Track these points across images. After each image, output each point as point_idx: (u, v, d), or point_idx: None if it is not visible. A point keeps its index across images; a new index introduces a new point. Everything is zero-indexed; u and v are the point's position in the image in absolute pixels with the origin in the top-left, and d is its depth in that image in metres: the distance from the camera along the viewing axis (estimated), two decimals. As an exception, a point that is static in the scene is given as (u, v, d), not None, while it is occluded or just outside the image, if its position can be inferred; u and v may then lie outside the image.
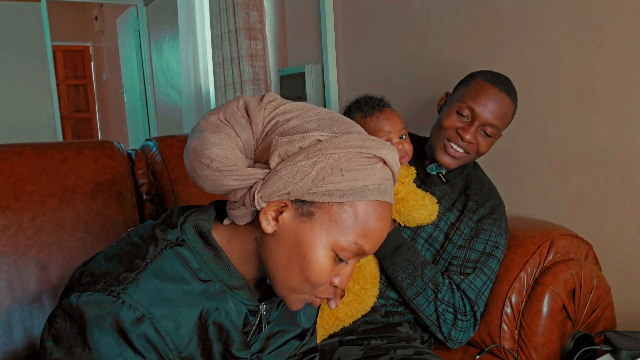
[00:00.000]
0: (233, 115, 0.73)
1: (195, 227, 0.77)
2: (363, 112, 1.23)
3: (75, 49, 7.74)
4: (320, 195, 0.69)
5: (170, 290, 0.72)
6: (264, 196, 0.69)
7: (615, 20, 1.31)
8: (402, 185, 1.21)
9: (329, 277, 0.73)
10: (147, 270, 0.71)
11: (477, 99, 1.23)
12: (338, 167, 0.68)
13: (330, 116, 0.73)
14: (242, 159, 0.71)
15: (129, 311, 0.68)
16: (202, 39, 3.20)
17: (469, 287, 1.22)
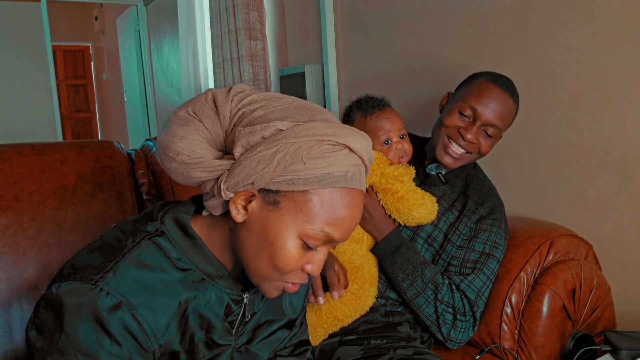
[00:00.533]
0: (202, 108, 0.73)
1: (175, 218, 0.78)
2: (363, 111, 1.24)
3: (75, 49, 7.74)
4: (284, 184, 0.69)
5: (148, 279, 0.72)
6: (230, 187, 0.70)
7: (615, 20, 1.31)
8: (401, 184, 1.21)
9: (297, 264, 0.73)
10: (125, 260, 0.72)
11: (479, 99, 1.23)
12: (299, 155, 0.68)
13: (296, 105, 0.73)
14: (209, 150, 0.72)
15: (106, 298, 0.69)
16: (202, 39, 3.20)
17: (468, 288, 1.22)
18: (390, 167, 1.22)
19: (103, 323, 0.68)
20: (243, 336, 0.85)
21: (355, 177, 0.72)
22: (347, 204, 0.72)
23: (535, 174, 1.54)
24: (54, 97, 4.34)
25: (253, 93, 0.75)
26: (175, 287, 0.75)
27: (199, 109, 0.73)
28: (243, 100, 0.73)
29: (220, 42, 2.79)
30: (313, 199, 0.70)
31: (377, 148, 1.23)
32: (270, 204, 0.71)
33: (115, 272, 0.71)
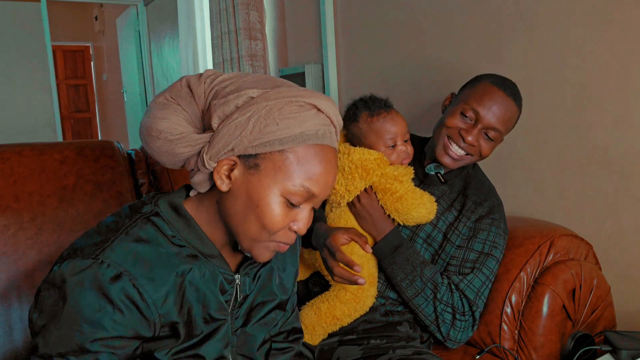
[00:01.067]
0: (178, 93, 0.78)
1: (168, 201, 0.83)
2: (370, 110, 1.24)
3: (75, 49, 7.74)
4: (261, 146, 0.74)
5: (145, 252, 0.76)
6: (212, 156, 0.75)
7: (615, 20, 1.31)
8: (400, 184, 1.21)
9: (283, 222, 0.78)
10: (122, 235, 0.76)
11: (482, 102, 1.23)
12: (272, 117, 0.73)
13: (264, 77, 0.79)
14: (189, 128, 0.78)
15: (107, 269, 0.72)
16: (202, 39, 3.20)
17: (467, 287, 1.22)
18: (389, 167, 1.22)
19: (105, 292, 0.71)
20: (238, 319, 0.88)
21: (326, 135, 0.77)
22: (321, 160, 0.77)
23: (535, 174, 1.54)
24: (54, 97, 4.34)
25: (223, 74, 0.80)
26: (171, 260, 0.78)
27: (176, 94, 0.78)
28: (214, 80, 0.78)
29: (220, 42, 2.79)
30: (290, 157, 0.75)
31: (381, 149, 1.22)
32: (251, 168, 0.76)
33: (114, 246, 0.74)
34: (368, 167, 1.19)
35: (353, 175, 1.20)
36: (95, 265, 0.72)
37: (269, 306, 0.93)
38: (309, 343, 1.25)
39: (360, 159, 1.19)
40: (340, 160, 1.21)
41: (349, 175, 1.20)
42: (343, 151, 1.22)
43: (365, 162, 1.19)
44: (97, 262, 0.72)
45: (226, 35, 2.73)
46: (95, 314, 0.71)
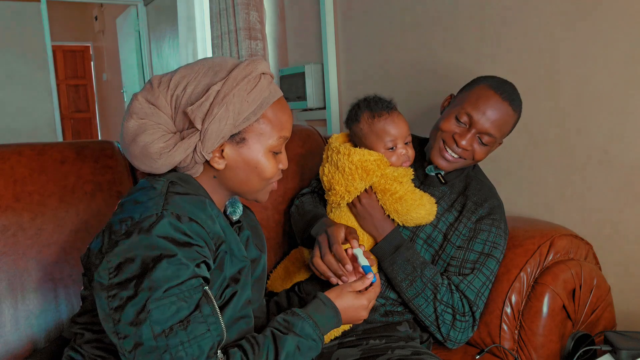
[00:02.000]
0: (143, 112, 0.88)
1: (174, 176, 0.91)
2: (371, 110, 1.24)
3: (75, 49, 7.74)
4: (242, 124, 0.89)
5: (189, 200, 0.85)
6: (207, 149, 0.87)
7: (615, 20, 1.31)
8: (400, 185, 1.21)
9: (276, 169, 0.96)
10: (166, 195, 0.84)
11: (476, 106, 1.22)
12: (242, 98, 0.87)
13: (208, 67, 0.89)
14: (174, 137, 0.88)
15: (172, 216, 0.81)
16: (202, 39, 3.20)
17: (467, 288, 1.22)
18: (390, 168, 1.22)
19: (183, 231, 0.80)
20: None
21: (275, 89, 0.93)
22: (282, 108, 0.94)
23: (535, 174, 1.54)
24: (54, 97, 4.34)
25: (168, 76, 0.90)
26: (210, 204, 0.88)
27: (142, 114, 0.88)
28: (168, 87, 0.88)
29: (220, 42, 2.79)
30: (264, 121, 0.91)
31: (381, 151, 1.22)
32: (239, 143, 0.90)
33: (168, 201, 0.83)
34: (368, 168, 1.19)
35: (353, 176, 1.20)
36: (162, 217, 0.80)
37: (257, 263, 1.03)
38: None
39: (360, 160, 1.19)
40: (340, 161, 1.21)
41: (349, 176, 1.20)
42: (343, 152, 1.22)
43: (365, 163, 1.19)
44: (162, 215, 0.80)
45: (226, 35, 2.72)
46: (185, 247, 0.80)
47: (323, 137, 1.70)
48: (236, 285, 0.90)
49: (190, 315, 0.78)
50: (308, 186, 1.48)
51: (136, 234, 0.79)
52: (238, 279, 0.91)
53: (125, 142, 0.89)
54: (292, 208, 1.43)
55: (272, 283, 1.41)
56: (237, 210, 1.02)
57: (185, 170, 0.92)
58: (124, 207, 0.86)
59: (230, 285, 0.90)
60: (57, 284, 1.18)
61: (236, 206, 1.02)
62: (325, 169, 1.26)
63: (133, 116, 0.88)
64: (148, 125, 0.87)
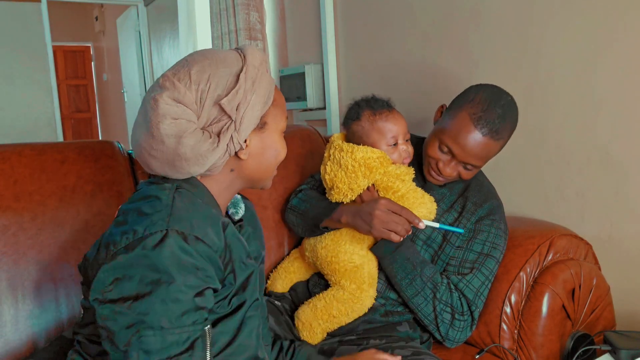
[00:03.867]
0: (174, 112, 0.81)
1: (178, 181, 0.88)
2: (372, 108, 1.25)
3: (76, 49, 7.74)
4: (265, 107, 0.88)
5: (196, 214, 0.82)
6: (242, 138, 0.85)
7: (615, 20, 1.31)
8: (402, 183, 1.21)
9: (285, 146, 0.95)
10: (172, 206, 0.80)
11: (456, 140, 1.20)
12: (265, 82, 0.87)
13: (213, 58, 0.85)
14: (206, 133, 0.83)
15: (179, 236, 0.77)
16: (202, 39, 3.20)
17: (466, 287, 1.23)
18: (392, 165, 1.23)
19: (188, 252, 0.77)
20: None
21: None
22: (278, 89, 0.94)
23: (535, 174, 1.54)
24: (54, 97, 4.34)
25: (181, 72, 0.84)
26: (214, 217, 0.84)
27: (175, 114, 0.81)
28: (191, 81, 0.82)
29: (220, 43, 2.79)
30: (275, 105, 0.91)
31: (383, 148, 1.23)
32: (262, 128, 0.90)
33: (174, 218, 0.79)
34: (371, 165, 1.20)
35: (356, 173, 1.20)
36: (168, 235, 0.76)
37: (259, 261, 1.00)
38: (309, 342, 1.26)
39: (363, 157, 1.20)
40: (343, 158, 1.22)
41: (352, 174, 1.21)
42: (346, 149, 1.22)
43: (368, 161, 1.20)
44: (168, 233, 0.76)
45: (226, 35, 2.73)
46: (189, 275, 0.76)
47: (323, 137, 1.70)
48: (244, 292, 0.88)
49: (181, 355, 0.75)
50: (305, 184, 1.47)
51: (139, 250, 0.75)
52: (246, 286, 0.89)
53: (167, 147, 0.82)
54: (294, 201, 1.41)
55: (272, 283, 1.41)
56: (239, 210, 1.01)
57: (209, 170, 0.87)
58: (127, 217, 0.81)
59: (239, 293, 0.88)
60: (57, 284, 1.18)
61: (238, 206, 1.01)
62: (327, 167, 1.26)
63: (167, 117, 0.81)
64: (185, 125, 0.81)
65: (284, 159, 0.96)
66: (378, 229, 1.15)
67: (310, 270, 1.40)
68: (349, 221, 1.20)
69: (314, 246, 1.30)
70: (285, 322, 1.29)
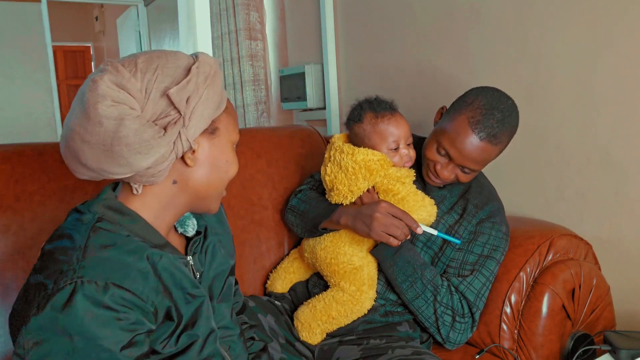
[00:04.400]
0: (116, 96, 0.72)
1: (104, 205, 0.80)
2: (375, 110, 1.24)
3: (76, 49, 7.74)
4: (217, 111, 0.80)
5: (114, 255, 0.73)
6: (191, 136, 0.76)
7: (615, 20, 1.31)
8: (402, 185, 1.21)
9: (237, 162, 0.86)
10: (85, 250, 0.72)
11: (454, 144, 1.19)
12: (218, 82, 0.79)
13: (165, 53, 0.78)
14: (151, 125, 0.73)
15: (90, 286, 0.69)
16: (202, 40, 3.20)
17: (467, 289, 1.23)
18: (393, 168, 1.23)
19: (103, 304, 0.69)
20: None
21: None
22: (232, 104, 0.86)
23: (535, 174, 1.54)
24: (54, 97, 4.33)
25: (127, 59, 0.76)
26: (140, 254, 0.76)
27: (118, 98, 0.72)
28: (137, 68, 0.74)
29: (220, 43, 2.79)
30: (228, 113, 0.83)
31: (384, 151, 1.23)
32: (213, 134, 0.81)
33: (82, 264, 0.71)
34: (371, 167, 1.19)
35: (356, 175, 1.20)
36: (78, 288, 0.68)
37: (224, 275, 0.95)
38: (308, 342, 1.26)
39: (364, 160, 1.19)
40: (344, 160, 1.21)
41: (352, 176, 1.20)
42: (347, 151, 1.21)
43: (369, 163, 1.19)
44: (79, 285, 0.68)
45: (226, 35, 2.73)
46: (108, 328, 0.69)
47: (323, 137, 1.70)
48: (194, 328, 0.81)
49: None
50: (305, 184, 1.47)
51: (48, 311, 0.67)
52: (196, 321, 0.81)
53: (105, 130, 0.71)
54: (294, 202, 1.41)
55: (271, 283, 1.42)
56: (187, 227, 0.91)
57: (151, 175, 0.76)
58: (43, 263, 0.74)
59: (188, 330, 0.80)
60: (57, 284, 1.18)
61: (185, 223, 0.91)
62: (327, 168, 1.25)
63: (106, 99, 0.70)
64: (126, 111, 0.71)
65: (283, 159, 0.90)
66: (377, 232, 1.15)
67: (309, 270, 1.40)
68: (349, 223, 1.20)
69: (313, 247, 1.30)
70: (285, 322, 1.29)
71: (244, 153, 1.50)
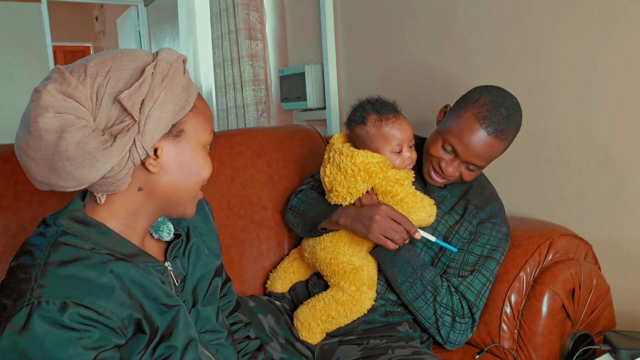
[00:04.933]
0: (60, 105, 0.69)
1: (69, 217, 0.77)
2: (379, 113, 1.22)
3: (76, 49, 7.74)
4: (181, 112, 0.75)
5: (76, 271, 0.70)
6: (147, 143, 0.72)
7: (615, 20, 1.31)
8: (401, 187, 1.21)
9: (210, 164, 0.81)
10: (44, 268, 0.70)
11: (460, 139, 1.19)
12: (179, 82, 0.74)
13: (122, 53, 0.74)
14: (102, 134, 0.70)
15: (49, 306, 0.66)
16: (202, 39, 3.20)
17: (467, 289, 1.23)
18: (392, 170, 1.22)
19: (62, 324, 0.66)
20: (187, 301, 0.88)
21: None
22: (203, 100, 0.81)
23: (535, 174, 1.54)
24: (54, 97, 4.33)
25: (76, 65, 0.73)
26: (104, 268, 0.73)
27: (62, 108, 0.69)
28: (86, 74, 0.71)
29: (220, 43, 2.79)
30: (196, 111, 0.78)
31: (386, 154, 1.22)
32: (177, 137, 0.76)
33: (41, 283, 0.68)
34: (371, 170, 1.19)
35: (355, 178, 1.19)
36: (35, 309, 0.66)
37: (209, 277, 0.93)
38: (308, 342, 1.26)
39: (363, 162, 1.19)
40: (343, 162, 1.20)
41: (351, 178, 1.20)
42: (346, 153, 1.21)
43: (368, 166, 1.19)
44: (36, 305, 0.66)
45: (226, 35, 2.73)
46: (69, 348, 0.66)
47: (323, 137, 1.70)
48: (170, 339, 0.78)
49: None
50: (305, 184, 1.47)
51: (7, 334, 0.65)
52: (172, 331, 0.79)
53: (46, 144, 0.68)
54: (294, 201, 1.41)
55: (271, 283, 1.42)
56: (162, 232, 0.87)
57: (110, 184, 0.74)
58: (6, 278, 0.72)
59: (164, 341, 0.78)
60: (57, 284, 1.18)
61: (160, 228, 0.87)
62: (326, 170, 1.25)
63: (49, 110, 0.68)
64: (71, 121, 0.68)
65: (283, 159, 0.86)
66: (375, 235, 1.15)
67: (309, 270, 1.40)
68: (348, 224, 1.20)
69: (313, 247, 1.30)
70: (285, 322, 1.29)
71: (243, 153, 1.50)
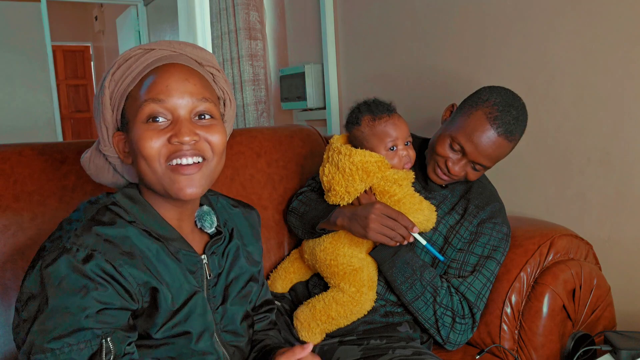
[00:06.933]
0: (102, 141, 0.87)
1: (122, 192, 0.87)
2: (372, 113, 1.23)
3: (76, 49, 7.73)
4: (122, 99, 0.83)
5: (110, 233, 0.79)
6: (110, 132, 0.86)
7: (615, 20, 1.31)
8: (399, 187, 1.20)
9: (159, 142, 0.79)
10: (85, 222, 0.79)
11: (470, 138, 1.19)
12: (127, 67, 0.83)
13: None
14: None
15: (77, 253, 0.74)
16: (202, 39, 3.20)
17: (468, 290, 1.22)
18: (390, 170, 1.22)
19: (83, 272, 0.73)
20: (217, 297, 0.92)
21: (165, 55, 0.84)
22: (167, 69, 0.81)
23: (535, 174, 1.54)
24: (54, 97, 4.33)
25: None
26: (137, 239, 0.81)
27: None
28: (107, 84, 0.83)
29: (220, 42, 2.79)
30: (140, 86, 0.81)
31: (382, 153, 1.22)
32: (127, 125, 0.82)
33: (78, 232, 0.77)
34: (369, 169, 1.19)
35: (353, 177, 1.20)
36: (64, 252, 0.74)
37: (244, 279, 0.97)
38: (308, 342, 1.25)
39: (361, 161, 1.19)
40: (341, 161, 1.21)
41: (349, 177, 1.20)
42: (344, 152, 1.21)
43: (366, 164, 1.19)
44: (66, 249, 0.74)
45: (226, 35, 2.73)
46: (79, 294, 0.72)
47: (323, 137, 1.70)
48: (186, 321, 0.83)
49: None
50: (306, 186, 1.47)
51: (38, 267, 0.75)
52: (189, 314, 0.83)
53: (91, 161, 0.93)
54: (295, 203, 1.41)
55: (272, 283, 1.41)
56: (205, 222, 0.91)
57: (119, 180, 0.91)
58: (56, 229, 0.83)
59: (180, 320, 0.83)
60: (57, 284, 1.17)
61: (204, 219, 0.91)
62: (325, 169, 1.25)
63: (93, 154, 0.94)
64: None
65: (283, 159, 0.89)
66: (373, 233, 1.15)
67: (310, 271, 1.40)
68: (345, 224, 1.20)
69: (312, 249, 1.30)
70: (285, 322, 1.29)
71: (243, 153, 1.50)
